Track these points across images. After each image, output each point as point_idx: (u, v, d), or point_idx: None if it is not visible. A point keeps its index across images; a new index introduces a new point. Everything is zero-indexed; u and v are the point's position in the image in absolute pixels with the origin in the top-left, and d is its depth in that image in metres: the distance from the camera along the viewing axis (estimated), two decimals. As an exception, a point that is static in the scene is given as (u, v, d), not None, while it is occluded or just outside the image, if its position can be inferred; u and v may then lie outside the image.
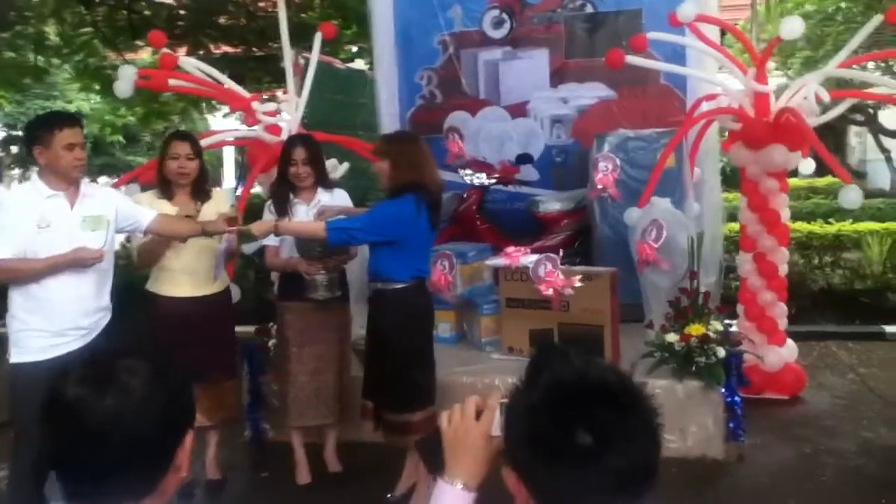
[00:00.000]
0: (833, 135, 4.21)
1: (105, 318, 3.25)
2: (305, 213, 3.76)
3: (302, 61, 5.52)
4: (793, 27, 4.41)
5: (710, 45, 4.98)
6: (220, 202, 3.90)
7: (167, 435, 1.21)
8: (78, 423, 1.14)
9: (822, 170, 7.61)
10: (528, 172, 5.95)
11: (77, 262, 3.06)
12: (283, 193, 3.80)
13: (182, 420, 1.26)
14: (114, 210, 3.27)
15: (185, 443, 1.25)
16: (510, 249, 4.56)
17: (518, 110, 6.03)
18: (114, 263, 3.33)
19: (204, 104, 11.37)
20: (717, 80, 5.46)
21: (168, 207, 3.64)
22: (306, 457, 3.97)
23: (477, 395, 1.41)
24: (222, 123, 12.94)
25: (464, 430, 1.31)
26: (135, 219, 3.36)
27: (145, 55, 11.25)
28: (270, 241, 3.84)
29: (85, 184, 3.24)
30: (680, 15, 4.76)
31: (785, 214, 4.90)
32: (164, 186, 3.70)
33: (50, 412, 1.17)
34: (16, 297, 3.08)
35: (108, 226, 3.22)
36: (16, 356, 3.05)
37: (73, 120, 3.17)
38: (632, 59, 4.77)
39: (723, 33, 5.89)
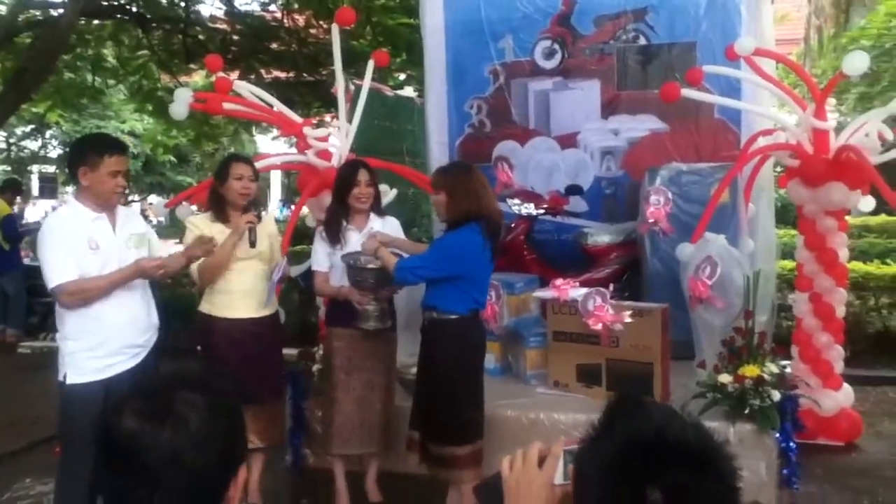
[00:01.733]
0: (885, 171, 4.08)
1: (155, 335, 3.29)
2: (358, 240, 3.75)
3: (353, 88, 5.57)
4: (857, 63, 4.30)
5: (767, 80, 4.89)
6: (269, 224, 3.93)
7: (223, 469, 1.18)
8: (133, 458, 1.11)
9: (877, 208, 7.41)
10: (577, 204, 5.90)
11: (140, 274, 3.11)
12: (338, 220, 3.79)
13: (237, 453, 1.23)
14: (147, 232, 3.36)
15: (237, 476, 1.22)
16: (559, 282, 4.49)
17: (568, 141, 5.99)
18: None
19: (254, 127, 11.58)
20: (773, 115, 5.37)
21: (222, 230, 3.66)
22: (347, 486, 3.93)
23: (539, 440, 1.35)
24: (272, 145, 13.17)
25: (526, 478, 1.26)
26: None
27: (198, 78, 11.51)
28: (321, 266, 3.84)
29: (120, 207, 3.29)
30: (738, 48, 4.70)
31: (843, 254, 4.76)
32: (219, 209, 3.72)
33: (104, 446, 1.14)
34: (67, 319, 3.09)
35: (148, 243, 3.30)
36: (72, 377, 3.06)
37: (122, 147, 3.23)
38: (687, 93, 4.71)
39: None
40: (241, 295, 3.71)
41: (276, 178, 17.49)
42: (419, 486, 3.82)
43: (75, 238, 3.04)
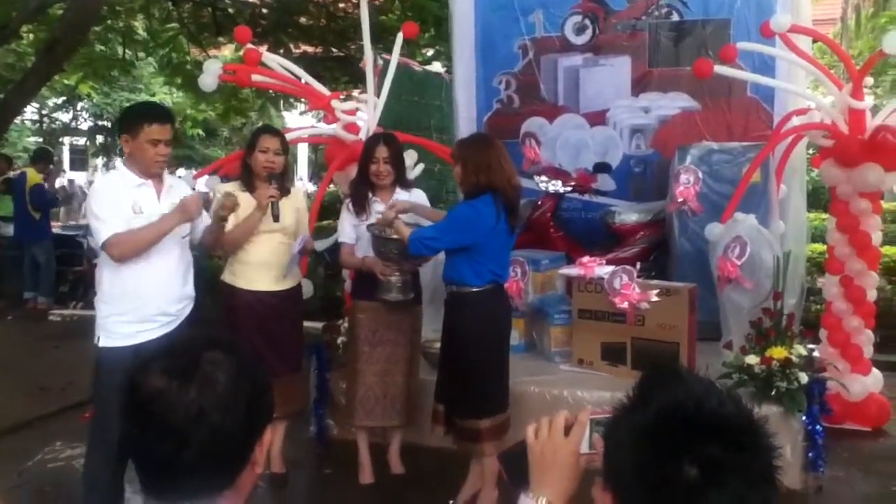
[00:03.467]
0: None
1: (189, 307, 3.30)
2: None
3: (381, 62, 5.55)
4: (897, 41, 4.19)
5: (803, 58, 4.79)
6: (297, 198, 3.93)
7: (248, 430, 1.18)
8: (160, 416, 1.11)
9: (913, 193, 7.23)
10: (605, 182, 5.84)
11: (184, 211, 3.10)
12: (363, 192, 3.80)
13: (262, 415, 1.23)
14: None
15: (262, 438, 1.22)
16: (585, 259, 4.47)
17: (597, 118, 5.92)
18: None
19: (282, 101, 11.59)
20: (808, 94, 5.27)
21: (247, 199, 3.68)
22: (370, 457, 3.96)
23: (565, 409, 1.34)
24: (299, 121, 13.20)
25: (552, 446, 1.25)
26: (195, 226, 3.40)
27: (227, 52, 11.52)
28: (347, 238, 3.86)
29: (167, 175, 3.29)
30: (774, 25, 4.60)
31: (877, 237, 4.67)
32: (248, 179, 3.73)
33: (131, 404, 1.14)
34: (104, 283, 3.14)
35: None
36: (103, 341, 3.10)
37: (165, 116, 3.20)
38: (720, 70, 4.62)
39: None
40: (259, 266, 3.73)
41: (302, 153, 17.53)
42: (442, 459, 3.86)
43: (120, 201, 3.07)
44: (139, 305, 3.11)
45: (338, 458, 4.28)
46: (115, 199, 3.08)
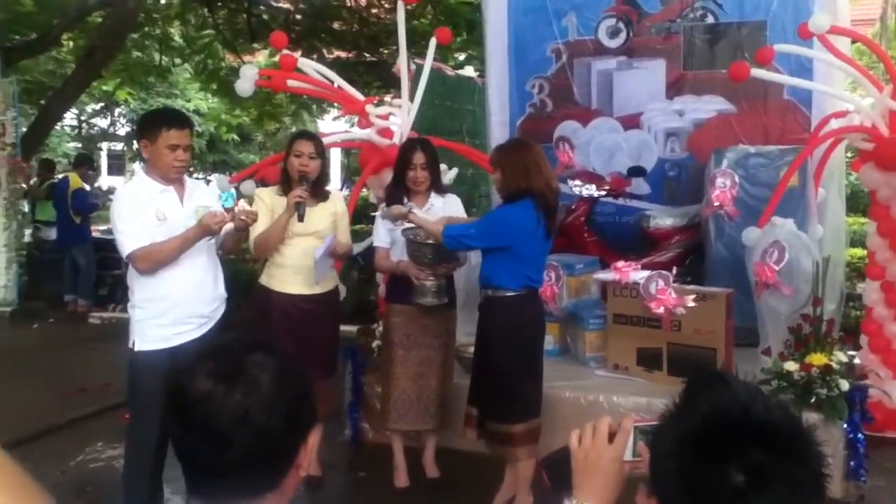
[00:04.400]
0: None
1: (222, 308, 3.33)
2: (418, 217, 3.76)
3: (414, 67, 5.57)
4: (940, 42, 4.11)
5: (842, 59, 4.71)
6: (335, 202, 3.95)
7: (293, 433, 1.19)
8: (205, 419, 1.12)
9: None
10: (640, 186, 5.80)
11: (205, 230, 3.11)
12: (398, 197, 3.81)
13: (307, 418, 1.23)
14: (216, 205, 3.35)
15: (308, 441, 1.23)
16: (620, 264, 4.44)
17: (631, 122, 5.89)
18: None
19: (315, 107, 11.70)
20: (846, 97, 5.19)
21: (282, 203, 3.70)
22: (405, 461, 3.97)
23: (601, 415, 1.34)
24: (332, 126, 13.29)
25: (596, 453, 1.25)
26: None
27: (261, 58, 11.67)
28: (382, 242, 3.88)
29: (187, 179, 3.30)
30: (812, 26, 4.52)
31: (919, 242, 4.58)
32: (286, 184, 3.77)
33: (175, 407, 1.15)
34: (136, 287, 3.16)
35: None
36: (139, 345, 3.13)
37: (182, 121, 3.20)
38: (757, 73, 4.57)
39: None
40: (293, 270, 3.76)
41: (335, 158, 17.64)
42: (477, 463, 3.85)
43: (144, 209, 3.10)
44: (172, 307, 3.14)
45: (372, 462, 4.29)
46: (138, 208, 3.10)
